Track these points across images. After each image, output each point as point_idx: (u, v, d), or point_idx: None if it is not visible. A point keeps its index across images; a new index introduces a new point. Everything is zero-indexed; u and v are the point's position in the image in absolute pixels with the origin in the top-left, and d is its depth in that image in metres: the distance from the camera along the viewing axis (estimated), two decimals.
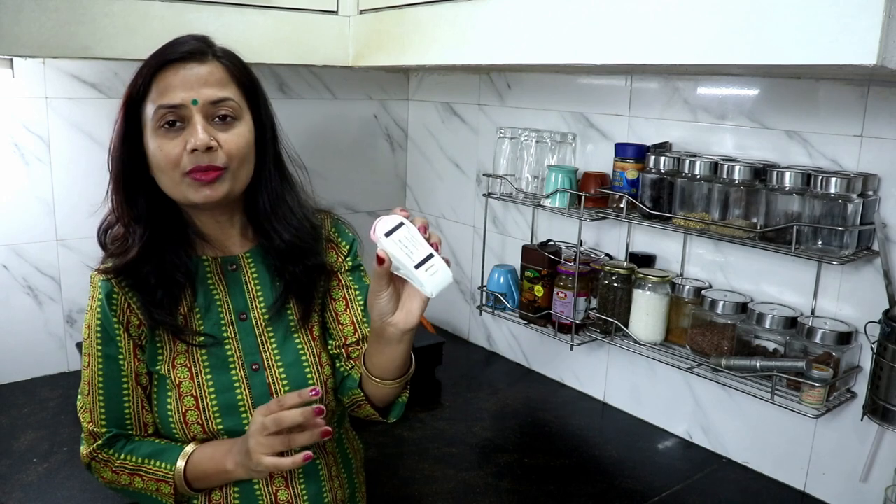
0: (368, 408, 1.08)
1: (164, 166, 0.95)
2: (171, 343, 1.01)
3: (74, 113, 1.76)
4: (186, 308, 1.01)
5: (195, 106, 0.94)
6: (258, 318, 1.05)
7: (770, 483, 1.48)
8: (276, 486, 1.04)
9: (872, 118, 1.28)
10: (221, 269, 1.05)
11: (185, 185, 0.95)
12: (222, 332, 1.03)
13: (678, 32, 1.06)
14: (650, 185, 1.53)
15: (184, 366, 1.01)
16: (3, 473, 1.39)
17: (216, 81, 0.96)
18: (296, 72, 2.06)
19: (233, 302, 1.05)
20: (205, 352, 1.02)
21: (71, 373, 1.86)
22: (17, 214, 1.73)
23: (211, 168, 0.94)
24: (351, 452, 1.16)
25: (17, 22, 1.28)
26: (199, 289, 1.03)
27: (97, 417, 1.01)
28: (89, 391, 1.02)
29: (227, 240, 1.06)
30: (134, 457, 1.01)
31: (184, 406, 1.00)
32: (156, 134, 0.95)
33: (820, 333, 1.32)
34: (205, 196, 0.96)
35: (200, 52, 0.97)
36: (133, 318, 1.00)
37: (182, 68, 0.95)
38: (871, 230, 1.29)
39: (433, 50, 1.51)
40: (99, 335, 1.00)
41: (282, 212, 1.05)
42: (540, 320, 1.77)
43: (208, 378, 1.01)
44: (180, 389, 1.00)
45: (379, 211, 2.33)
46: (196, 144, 0.93)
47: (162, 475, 0.99)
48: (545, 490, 1.42)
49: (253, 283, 1.07)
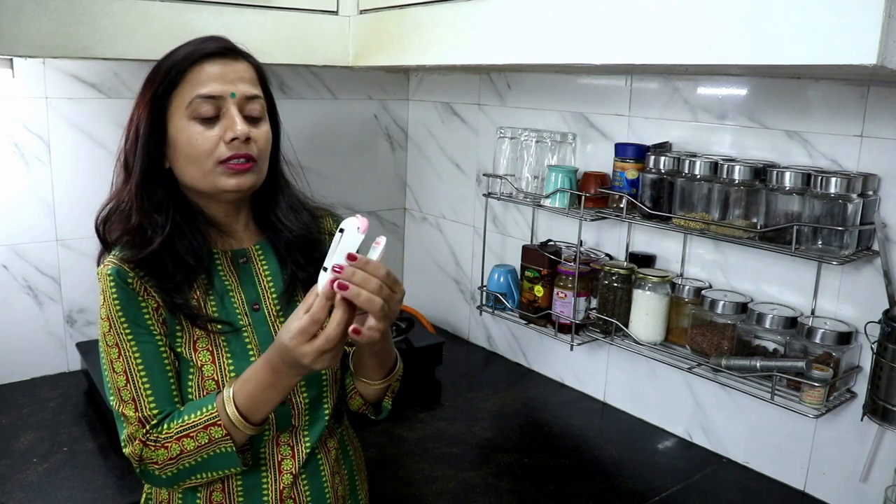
0: (359, 399, 1.13)
1: (196, 155, 0.97)
2: (190, 327, 1.01)
3: (74, 113, 1.76)
4: (201, 294, 1.02)
5: (233, 99, 0.98)
6: (270, 309, 1.07)
7: (770, 483, 1.48)
8: (283, 482, 1.04)
9: (872, 118, 1.28)
10: (232, 261, 1.07)
11: (216, 173, 0.98)
12: (239, 321, 1.04)
13: (678, 32, 1.06)
14: (650, 185, 1.53)
15: (206, 349, 1.01)
16: (3, 473, 1.39)
17: (250, 79, 1.01)
18: (296, 72, 2.06)
19: (245, 293, 1.06)
20: (225, 339, 1.02)
21: (71, 373, 1.86)
22: (17, 214, 1.73)
23: (246, 156, 0.98)
24: (351, 449, 1.18)
25: (17, 22, 1.28)
26: (214, 278, 1.05)
27: (144, 403, 0.98)
28: (127, 380, 0.98)
29: (236, 232, 1.09)
30: (175, 421, 0.96)
31: (206, 390, 1.00)
32: (189, 124, 0.97)
33: (820, 333, 1.32)
34: (236, 184, 0.99)
35: (234, 51, 1.01)
36: (151, 300, 0.99)
37: (220, 62, 0.98)
38: (871, 230, 1.29)
39: (433, 50, 1.51)
40: (125, 322, 0.98)
41: (290, 208, 1.11)
42: (540, 320, 1.77)
43: (230, 365, 1.01)
44: (203, 373, 1.00)
45: (379, 211, 2.34)
46: (238, 133, 0.96)
47: (208, 419, 0.95)
48: (545, 490, 1.42)
49: (264, 274, 1.08)
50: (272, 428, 1.03)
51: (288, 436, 1.05)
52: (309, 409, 1.06)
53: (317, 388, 1.07)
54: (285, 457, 1.05)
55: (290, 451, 1.05)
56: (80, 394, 1.74)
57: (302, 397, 1.05)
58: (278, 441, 1.05)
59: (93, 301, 1.83)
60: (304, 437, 1.06)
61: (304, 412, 1.06)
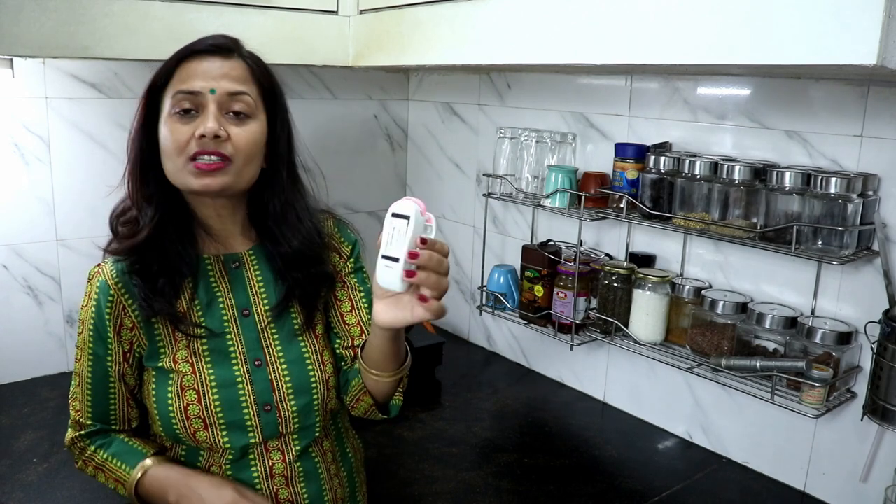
0: (368, 398, 1.08)
1: (170, 150, 0.96)
2: (172, 337, 1.01)
3: (74, 113, 1.76)
4: (186, 301, 1.02)
5: (212, 95, 0.96)
6: (261, 315, 1.06)
7: (770, 483, 1.48)
8: (276, 485, 1.04)
9: (872, 118, 1.28)
10: (224, 266, 1.06)
11: (186, 170, 0.96)
12: (224, 327, 1.04)
13: (678, 32, 1.06)
14: (650, 185, 1.53)
15: (185, 360, 1.01)
16: (3, 473, 1.39)
17: (237, 76, 0.99)
18: (296, 72, 2.06)
19: (235, 298, 1.05)
20: (206, 345, 1.02)
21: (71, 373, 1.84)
22: (17, 214, 1.73)
23: (216, 154, 0.95)
24: (350, 451, 1.16)
25: (17, 22, 1.28)
26: (199, 285, 1.04)
27: (84, 409, 1.05)
28: (79, 382, 1.05)
29: (230, 237, 1.07)
30: (102, 452, 1.05)
31: (185, 400, 1.00)
32: (169, 118, 0.97)
33: (820, 333, 1.32)
34: (203, 185, 0.96)
35: (227, 49, 1.00)
36: (127, 320, 1.00)
37: (206, 59, 0.98)
38: (871, 230, 1.29)
39: (433, 50, 1.51)
40: (91, 333, 1.02)
41: (291, 218, 1.06)
42: (540, 320, 1.77)
43: (210, 372, 1.01)
44: (182, 382, 1.00)
45: (379, 211, 2.33)
46: (204, 131, 0.94)
47: (119, 475, 1.03)
48: (545, 490, 1.42)
49: (256, 280, 1.07)
50: (258, 433, 1.02)
51: (277, 441, 1.04)
52: (298, 417, 1.04)
53: (306, 396, 1.04)
54: (276, 461, 1.04)
55: (280, 455, 1.04)
56: None
57: (290, 405, 1.03)
58: (267, 447, 1.04)
59: None
60: (293, 442, 1.05)
61: (292, 420, 1.04)
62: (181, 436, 1.02)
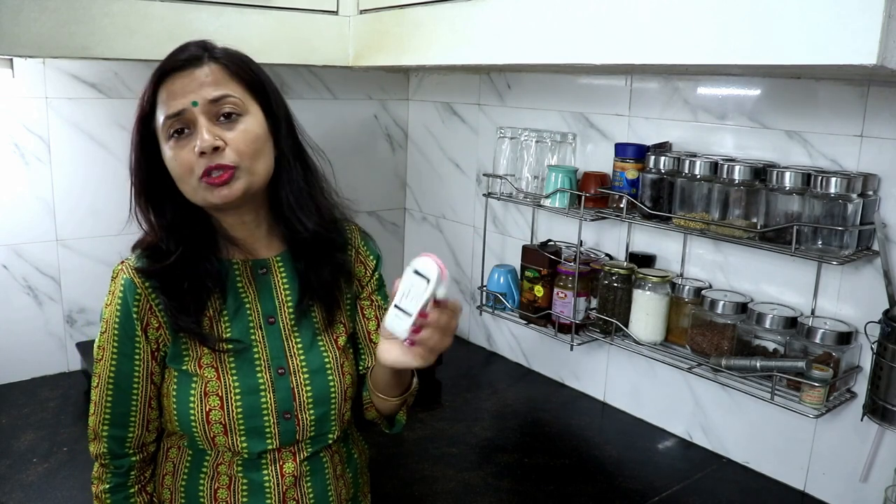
0: (374, 411, 1.12)
1: (180, 174, 0.96)
2: (197, 345, 1.01)
3: (74, 113, 1.76)
4: (214, 313, 1.02)
5: (196, 108, 0.95)
6: (286, 322, 1.06)
7: (770, 483, 1.48)
8: (285, 484, 1.04)
9: (872, 118, 1.28)
10: (251, 272, 1.06)
11: (202, 189, 0.96)
12: (250, 336, 1.03)
13: (678, 32, 1.06)
14: (650, 185, 1.53)
15: (210, 366, 1.01)
16: (3, 473, 1.39)
17: (214, 81, 0.97)
18: (296, 72, 2.06)
19: (262, 305, 1.05)
20: (232, 356, 1.02)
21: (71, 373, 1.86)
22: (17, 214, 1.73)
23: (221, 167, 0.95)
24: (356, 452, 1.17)
25: (17, 22, 1.28)
26: (228, 293, 1.03)
27: (101, 411, 1.02)
28: (98, 383, 1.02)
29: (256, 242, 1.06)
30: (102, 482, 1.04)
31: (208, 405, 1.00)
32: (168, 144, 0.97)
33: (820, 333, 1.32)
34: (222, 196, 0.96)
35: (196, 58, 0.98)
36: (153, 319, 1.00)
37: (180, 76, 0.96)
38: (871, 230, 1.29)
39: (433, 50, 1.51)
40: (116, 331, 1.00)
41: (305, 202, 1.06)
42: (540, 320, 1.77)
43: (234, 380, 1.01)
44: (206, 388, 1.00)
45: (379, 211, 2.34)
46: (202, 147, 0.93)
47: None
48: (545, 490, 1.42)
49: (282, 286, 1.07)
50: (276, 440, 1.02)
51: (292, 446, 1.05)
52: (315, 426, 1.05)
53: (325, 406, 1.05)
54: (286, 460, 1.05)
55: (291, 455, 1.05)
56: (80, 394, 1.74)
57: (308, 414, 1.04)
58: (280, 451, 1.04)
59: (93, 301, 1.84)
60: (306, 447, 1.06)
61: (309, 428, 1.04)
62: (198, 438, 1.02)
